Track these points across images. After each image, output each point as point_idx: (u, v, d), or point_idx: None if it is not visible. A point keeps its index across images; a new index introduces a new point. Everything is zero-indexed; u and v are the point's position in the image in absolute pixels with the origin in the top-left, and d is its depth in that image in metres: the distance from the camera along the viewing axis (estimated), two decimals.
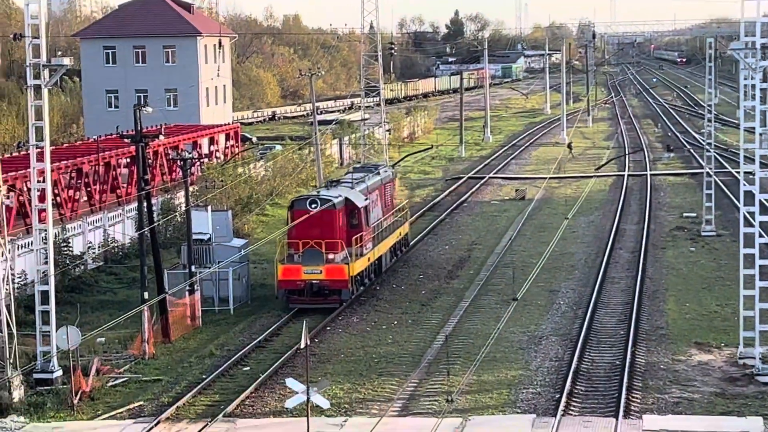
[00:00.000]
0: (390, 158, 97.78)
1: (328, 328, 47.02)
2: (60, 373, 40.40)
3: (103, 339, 45.37)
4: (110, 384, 40.50)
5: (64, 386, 39.49)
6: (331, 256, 47.85)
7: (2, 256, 41.16)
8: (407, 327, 47.83)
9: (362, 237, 50.44)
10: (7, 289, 40.64)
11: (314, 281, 47.49)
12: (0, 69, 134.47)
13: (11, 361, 39.06)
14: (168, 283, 48.18)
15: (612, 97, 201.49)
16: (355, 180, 55.24)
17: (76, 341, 40.08)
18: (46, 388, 39.75)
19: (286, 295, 48.58)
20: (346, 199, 50.63)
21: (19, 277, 50.96)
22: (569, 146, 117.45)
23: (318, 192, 51.78)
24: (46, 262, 41.11)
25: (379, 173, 59.55)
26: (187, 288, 48.42)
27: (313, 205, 48.37)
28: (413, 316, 49.62)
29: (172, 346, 45.85)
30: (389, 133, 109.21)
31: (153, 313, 45.60)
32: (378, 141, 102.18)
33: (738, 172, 43.58)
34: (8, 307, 39.76)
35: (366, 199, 52.46)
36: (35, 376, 40.28)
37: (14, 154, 70.73)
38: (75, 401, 38.18)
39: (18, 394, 38.57)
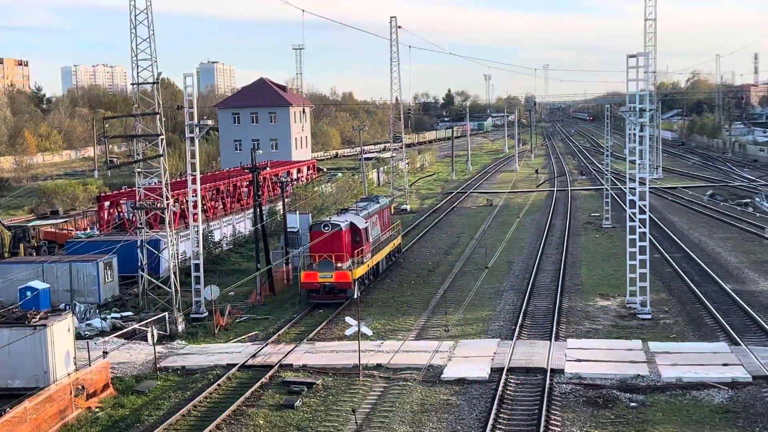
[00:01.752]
0: (408, 180, 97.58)
1: (371, 286, 47.01)
2: (206, 314, 40.82)
3: (232, 293, 45.64)
4: (237, 321, 40.80)
5: (209, 322, 39.87)
6: (339, 265, 42.65)
7: (171, 242, 41.44)
8: (419, 285, 47.89)
9: (363, 250, 44.84)
10: (174, 263, 41.10)
11: (327, 283, 42.56)
12: (168, 127, 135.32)
13: (177, 306, 39.49)
14: (272, 258, 48.50)
15: (546, 142, 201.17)
16: (359, 208, 49.64)
17: (216, 294, 40.46)
18: (198, 323, 40.24)
19: (307, 293, 43.25)
20: (351, 222, 44.86)
21: (182, 256, 51.35)
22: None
23: (330, 218, 46.13)
24: (198, 246, 41.58)
25: (378, 202, 53.10)
26: (284, 261, 48.60)
27: (326, 228, 43.24)
28: (423, 278, 49.71)
29: (275, 297, 46.04)
30: (407, 165, 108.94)
31: (263, 277, 45.85)
32: (401, 170, 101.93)
33: (625, 188, 43.46)
34: (175, 273, 40.18)
35: (366, 222, 46.61)
36: (191, 316, 40.75)
37: (177, 180, 71.26)
38: (215, 332, 38.65)
39: (181, 327, 39.00)
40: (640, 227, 39.81)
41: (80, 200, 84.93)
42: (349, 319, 32.64)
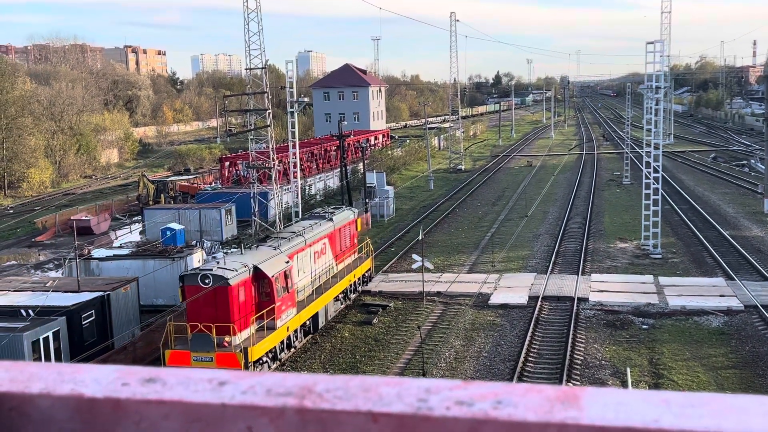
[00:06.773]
0: (463, 146, 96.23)
1: (432, 229, 46.66)
2: None
3: None
4: None
5: None
6: (226, 340, 21.96)
7: (276, 194, 41.88)
8: (472, 229, 47.40)
9: (276, 308, 23.46)
10: (279, 210, 41.54)
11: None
12: (273, 103, 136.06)
13: None
14: (354, 206, 48.59)
15: (577, 114, 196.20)
16: (288, 236, 27.21)
17: None
18: None
19: None
20: (255, 267, 23.29)
21: (285, 205, 51.88)
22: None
23: (217, 263, 23.27)
24: (297, 197, 41.93)
25: (332, 219, 30.79)
26: (365, 209, 48.51)
27: (205, 281, 22.01)
28: (474, 223, 49.17)
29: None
30: (463, 133, 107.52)
31: None
32: (457, 137, 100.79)
33: (642, 151, 42.37)
34: (280, 218, 40.59)
35: (288, 262, 24.84)
36: None
37: (281, 145, 71.84)
38: None
39: None
40: (653, 184, 38.85)
41: (206, 161, 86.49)
42: (415, 256, 32.85)
